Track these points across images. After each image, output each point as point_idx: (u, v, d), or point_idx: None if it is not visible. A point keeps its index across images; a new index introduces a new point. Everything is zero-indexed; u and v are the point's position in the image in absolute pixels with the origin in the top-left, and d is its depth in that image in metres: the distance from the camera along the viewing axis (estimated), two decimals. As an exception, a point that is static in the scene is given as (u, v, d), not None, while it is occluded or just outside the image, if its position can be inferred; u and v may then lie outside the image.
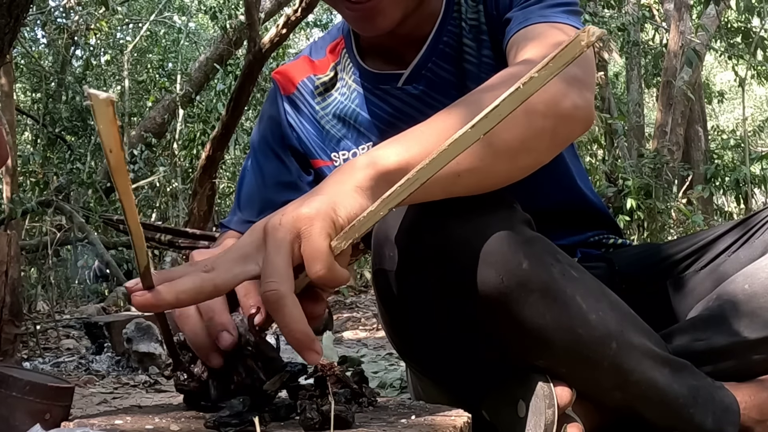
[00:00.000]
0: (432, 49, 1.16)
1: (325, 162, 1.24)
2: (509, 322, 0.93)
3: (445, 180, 0.79)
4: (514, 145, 0.84)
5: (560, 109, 0.87)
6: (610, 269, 1.23)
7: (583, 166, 1.36)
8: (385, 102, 1.19)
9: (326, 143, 1.24)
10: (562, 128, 0.90)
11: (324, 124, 1.24)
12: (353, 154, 1.20)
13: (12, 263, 2.06)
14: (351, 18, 1.11)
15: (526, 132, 0.85)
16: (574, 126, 0.91)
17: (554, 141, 0.91)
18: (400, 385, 2.15)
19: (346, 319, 5.60)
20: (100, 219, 6.07)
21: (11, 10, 2.74)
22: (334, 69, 1.25)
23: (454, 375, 1.08)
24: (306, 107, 1.26)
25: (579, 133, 0.93)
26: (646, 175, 6.68)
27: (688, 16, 8.17)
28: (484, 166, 0.82)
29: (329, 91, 1.24)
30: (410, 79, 1.17)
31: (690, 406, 1.00)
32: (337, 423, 0.73)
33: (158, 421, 0.78)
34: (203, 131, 8.63)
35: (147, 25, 10.57)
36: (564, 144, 0.96)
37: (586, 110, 0.91)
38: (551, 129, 0.88)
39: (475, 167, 0.81)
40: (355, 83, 1.21)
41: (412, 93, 1.17)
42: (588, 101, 0.92)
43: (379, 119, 1.19)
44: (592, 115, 0.92)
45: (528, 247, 0.92)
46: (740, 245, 1.15)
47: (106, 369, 3.06)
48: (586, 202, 1.30)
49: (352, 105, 1.22)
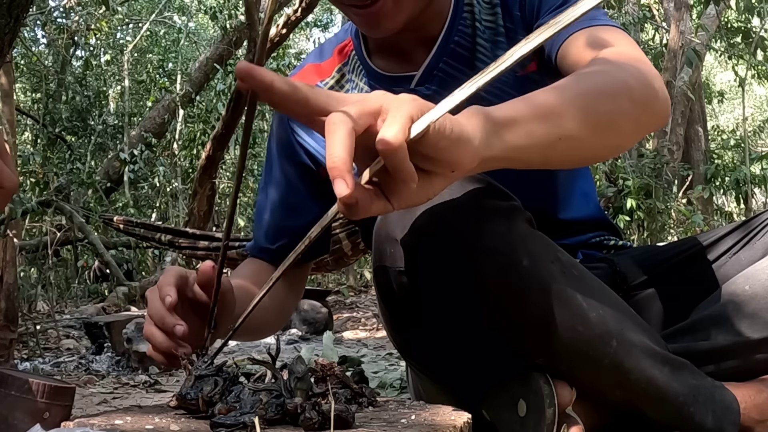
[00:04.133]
0: (443, 49, 1.16)
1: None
2: (509, 320, 0.93)
3: (546, 142, 0.83)
4: (605, 120, 0.89)
5: (646, 99, 0.94)
6: (611, 270, 1.24)
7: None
8: None
9: None
10: (645, 116, 0.96)
11: None
12: None
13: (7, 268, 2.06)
14: (357, 21, 1.13)
15: (615, 112, 0.90)
16: (655, 116, 0.98)
17: (637, 127, 0.97)
18: (400, 385, 2.15)
19: (346, 319, 5.60)
20: (100, 219, 6.07)
21: (11, 10, 2.74)
22: (340, 71, 1.25)
23: (454, 374, 1.08)
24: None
25: (658, 124, 1.00)
26: (646, 175, 6.67)
27: (688, 16, 8.17)
28: (579, 135, 0.86)
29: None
30: (423, 80, 1.17)
31: (690, 405, 1.00)
32: (337, 423, 0.73)
33: (158, 421, 0.78)
34: (203, 131, 8.63)
35: (147, 25, 10.58)
36: (644, 132, 1.02)
37: (665, 105, 0.98)
38: (636, 115, 0.93)
39: (572, 135, 0.85)
40: (367, 85, 1.21)
41: (425, 94, 1.16)
42: (667, 99, 0.99)
43: None
44: (669, 111, 1.00)
45: (528, 245, 0.93)
46: (741, 247, 1.16)
47: (106, 369, 3.06)
48: (591, 206, 1.32)
49: None
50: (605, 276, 1.17)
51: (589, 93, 0.88)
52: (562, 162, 0.93)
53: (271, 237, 1.27)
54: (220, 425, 0.73)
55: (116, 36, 11.43)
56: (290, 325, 4.84)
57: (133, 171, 8.39)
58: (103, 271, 6.87)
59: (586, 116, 0.86)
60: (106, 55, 10.93)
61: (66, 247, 7.10)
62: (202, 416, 0.80)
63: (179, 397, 0.81)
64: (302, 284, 1.35)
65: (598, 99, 0.88)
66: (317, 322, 4.81)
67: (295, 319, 4.83)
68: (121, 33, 11.71)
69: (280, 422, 0.76)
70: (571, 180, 1.28)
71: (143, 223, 5.36)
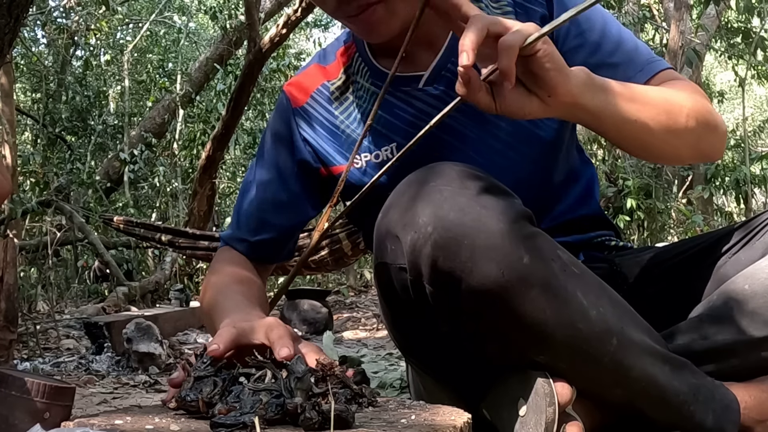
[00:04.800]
0: (451, 51, 1.17)
1: (345, 166, 1.23)
2: (510, 317, 0.94)
3: (624, 117, 1.00)
4: (675, 127, 1.07)
5: (712, 132, 1.13)
6: (612, 270, 1.24)
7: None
8: (406, 103, 1.20)
9: (345, 147, 1.24)
10: (705, 144, 1.13)
11: (344, 128, 1.24)
12: (375, 156, 1.21)
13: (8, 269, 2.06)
14: (354, 30, 1.16)
15: (686, 125, 1.08)
16: (713, 149, 1.16)
17: (697, 148, 1.13)
18: (400, 385, 2.15)
19: (346, 319, 5.60)
20: (100, 219, 6.07)
21: (11, 10, 2.74)
22: (345, 72, 1.25)
23: (454, 372, 1.08)
24: (321, 114, 1.26)
25: (711, 157, 1.18)
26: (646, 175, 6.67)
27: (688, 16, 8.15)
28: (651, 127, 1.04)
29: (344, 94, 1.25)
30: (431, 81, 1.19)
31: (690, 404, 1.00)
32: (337, 423, 0.73)
33: (158, 421, 0.78)
34: (203, 131, 8.63)
35: (147, 25, 10.57)
36: (699, 156, 1.18)
37: (721, 147, 1.16)
38: (700, 137, 1.11)
39: (646, 123, 1.03)
40: (373, 86, 1.22)
41: (433, 94, 1.19)
42: (724, 144, 1.18)
43: (401, 120, 1.20)
44: (722, 153, 1.19)
45: (529, 242, 0.93)
46: (741, 247, 1.16)
47: (106, 369, 3.06)
48: (593, 206, 1.32)
49: (372, 107, 1.22)
50: (606, 276, 1.17)
51: (673, 102, 1.06)
52: (628, 142, 1.09)
53: (253, 229, 1.29)
54: (220, 425, 0.73)
55: (116, 36, 11.42)
56: (290, 324, 4.83)
57: (133, 171, 8.38)
58: (103, 271, 6.86)
59: (663, 116, 1.04)
60: (106, 55, 10.92)
61: (66, 247, 7.10)
62: (202, 416, 0.80)
63: (179, 399, 0.81)
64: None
65: (676, 108, 1.07)
66: (317, 322, 4.81)
67: (295, 318, 4.82)
68: (121, 33, 11.71)
69: (280, 422, 0.76)
70: (574, 178, 1.29)
71: (143, 223, 5.36)
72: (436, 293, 0.96)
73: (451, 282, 0.93)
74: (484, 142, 1.18)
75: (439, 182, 0.94)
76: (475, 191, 0.93)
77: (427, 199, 0.93)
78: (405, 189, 0.98)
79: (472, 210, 0.92)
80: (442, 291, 0.95)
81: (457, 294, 0.94)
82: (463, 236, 0.91)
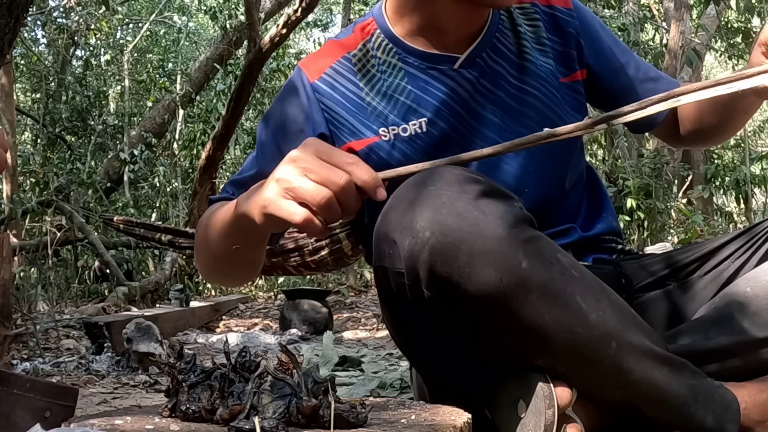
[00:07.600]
0: (485, 41, 1.23)
1: (372, 138, 1.22)
2: (509, 322, 0.93)
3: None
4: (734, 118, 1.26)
5: None
6: (617, 272, 1.24)
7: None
8: (439, 81, 1.22)
9: (372, 119, 1.22)
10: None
11: (370, 100, 1.23)
12: (403, 130, 1.21)
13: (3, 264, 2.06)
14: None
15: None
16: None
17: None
18: (400, 385, 2.15)
19: (346, 319, 5.60)
20: (100, 219, 6.06)
21: (11, 10, 2.74)
22: (364, 46, 1.26)
23: (455, 373, 1.08)
24: (344, 86, 1.24)
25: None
26: (646, 175, 6.67)
27: (688, 16, 8.15)
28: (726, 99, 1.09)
29: (365, 67, 1.25)
30: (465, 64, 1.22)
31: (690, 405, 1.00)
32: (338, 423, 0.73)
33: (158, 421, 0.78)
34: (203, 131, 8.63)
35: (147, 25, 10.57)
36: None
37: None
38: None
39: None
40: (400, 61, 1.23)
41: (466, 77, 1.23)
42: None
43: (433, 97, 1.22)
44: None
45: (528, 247, 0.92)
46: (743, 253, 1.18)
47: (106, 369, 3.06)
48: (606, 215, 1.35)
49: (401, 82, 1.22)
50: (610, 278, 1.17)
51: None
52: (704, 119, 1.29)
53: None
54: (238, 430, 0.73)
55: (116, 36, 11.41)
56: (290, 324, 4.84)
57: (133, 171, 8.38)
58: (103, 271, 6.86)
59: (732, 103, 1.19)
60: (106, 55, 10.92)
61: (66, 247, 7.09)
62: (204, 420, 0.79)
63: (180, 413, 0.79)
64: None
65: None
66: (317, 322, 4.81)
67: (295, 318, 4.83)
68: (121, 33, 11.70)
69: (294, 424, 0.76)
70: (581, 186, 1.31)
71: (143, 223, 5.33)
72: (434, 298, 0.95)
73: (449, 287, 0.93)
74: (513, 130, 1.20)
75: (438, 186, 0.94)
76: (473, 195, 0.92)
77: (425, 203, 0.92)
78: (404, 192, 0.97)
79: (471, 215, 0.91)
80: (441, 296, 0.95)
81: (456, 299, 0.93)
82: (461, 241, 0.90)
